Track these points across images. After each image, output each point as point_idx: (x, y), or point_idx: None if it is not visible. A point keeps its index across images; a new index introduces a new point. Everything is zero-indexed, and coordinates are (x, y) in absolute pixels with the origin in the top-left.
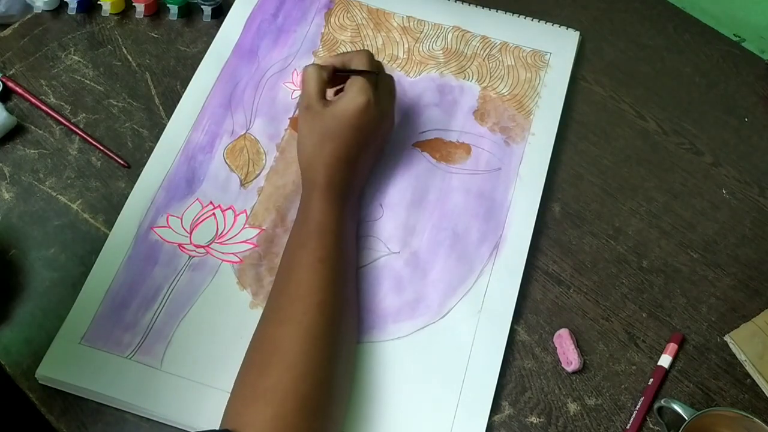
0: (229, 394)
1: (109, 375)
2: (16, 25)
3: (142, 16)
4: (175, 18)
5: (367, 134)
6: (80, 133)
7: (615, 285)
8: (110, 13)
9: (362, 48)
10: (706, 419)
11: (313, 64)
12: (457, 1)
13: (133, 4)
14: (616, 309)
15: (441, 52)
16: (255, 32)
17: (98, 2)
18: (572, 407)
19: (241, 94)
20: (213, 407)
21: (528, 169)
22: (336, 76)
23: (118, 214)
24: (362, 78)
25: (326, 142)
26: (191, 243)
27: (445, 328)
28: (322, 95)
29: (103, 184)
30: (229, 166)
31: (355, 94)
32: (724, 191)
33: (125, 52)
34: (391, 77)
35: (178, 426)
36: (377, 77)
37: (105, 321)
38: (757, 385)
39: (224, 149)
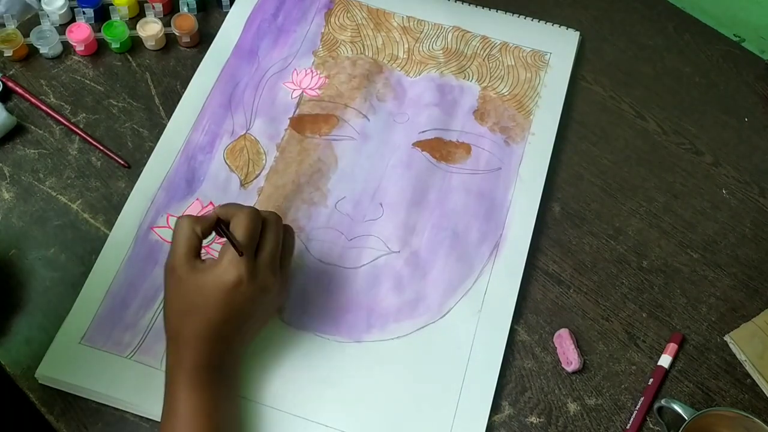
0: None
1: (109, 375)
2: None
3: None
4: (195, 12)
5: (242, 311)
6: (80, 133)
7: (615, 285)
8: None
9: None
10: (706, 419)
11: (186, 216)
12: (457, 1)
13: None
14: (616, 309)
15: (441, 52)
16: (255, 32)
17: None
18: (572, 407)
19: (241, 95)
20: None
21: (528, 169)
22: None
23: (118, 214)
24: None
25: (190, 317)
26: None
27: (445, 328)
28: (192, 255)
29: (103, 184)
30: (229, 166)
31: (224, 268)
32: (724, 191)
33: (125, 51)
34: (288, 233)
35: None
36: (264, 239)
37: (105, 321)
38: (757, 385)
39: (224, 149)
